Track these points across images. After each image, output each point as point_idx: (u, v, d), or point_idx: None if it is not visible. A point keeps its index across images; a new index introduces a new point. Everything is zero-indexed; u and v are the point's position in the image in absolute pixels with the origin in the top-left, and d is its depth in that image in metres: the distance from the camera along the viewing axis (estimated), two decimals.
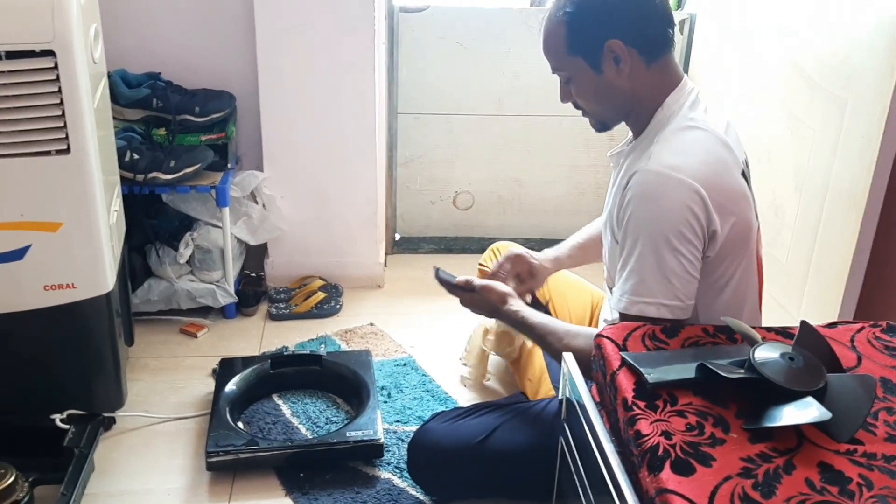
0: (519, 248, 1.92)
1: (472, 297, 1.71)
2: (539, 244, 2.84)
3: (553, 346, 1.55)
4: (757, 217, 1.49)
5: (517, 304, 1.66)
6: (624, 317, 1.40)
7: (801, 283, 1.98)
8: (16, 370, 1.82)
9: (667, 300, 1.35)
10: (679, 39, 2.73)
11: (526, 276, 1.87)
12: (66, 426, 1.76)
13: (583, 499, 1.31)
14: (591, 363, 1.36)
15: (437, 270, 1.79)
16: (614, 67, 1.42)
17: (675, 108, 1.44)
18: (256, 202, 2.47)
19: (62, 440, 1.73)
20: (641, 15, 1.42)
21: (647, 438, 1.10)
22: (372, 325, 2.41)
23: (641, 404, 1.16)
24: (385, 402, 2.03)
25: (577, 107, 1.52)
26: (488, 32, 2.71)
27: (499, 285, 1.70)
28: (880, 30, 1.69)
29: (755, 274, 1.51)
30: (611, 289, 1.58)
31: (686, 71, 2.73)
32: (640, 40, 1.41)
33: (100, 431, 1.79)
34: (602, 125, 1.53)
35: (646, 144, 1.44)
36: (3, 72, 1.55)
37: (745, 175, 1.45)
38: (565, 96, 1.51)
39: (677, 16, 2.73)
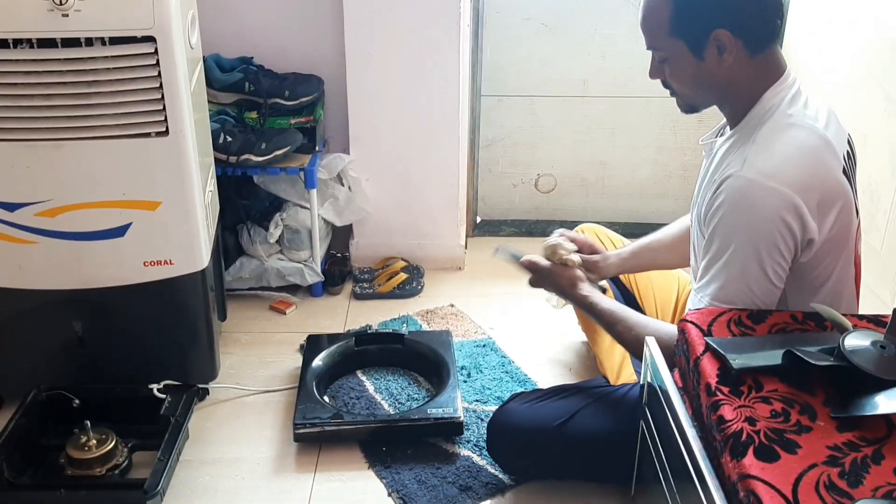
0: (595, 239, 1.91)
1: (541, 277, 1.74)
2: (623, 228, 2.82)
3: (622, 336, 1.54)
4: (858, 213, 1.43)
5: (587, 289, 1.66)
6: None
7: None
8: (116, 342, 1.91)
9: (745, 307, 1.34)
10: None
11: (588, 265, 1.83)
12: (163, 396, 1.84)
13: (663, 484, 1.31)
14: (672, 350, 1.35)
15: (497, 250, 1.82)
16: (717, 57, 1.36)
17: (773, 102, 1.37)
18: (342, 184, 2.53)
19: (159, 409, 1.81)
20: (754, 5, 1.34)
21: (730, 424, 1.09)
22: (452, 306, 2.44)
23: (725, 390, 1.15)
24: (465, 381, 2.06)
25: (665, 86, 1.49)
26: (574, 13, 2.69)
27: (571, 269, 1.71)
28: None
29: (852, 271, 1.46)
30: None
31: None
32: (748, 32, 1.34)
33: (194, 401, 1.86)
34: (690, 108, 1.49)
35: (741, 141, 1.38)
36: (105, 57, 1.62)
37: (846, 172, 1.38)
38: (656, 73, 1.46)
39: None
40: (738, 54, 1.35)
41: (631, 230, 2.83)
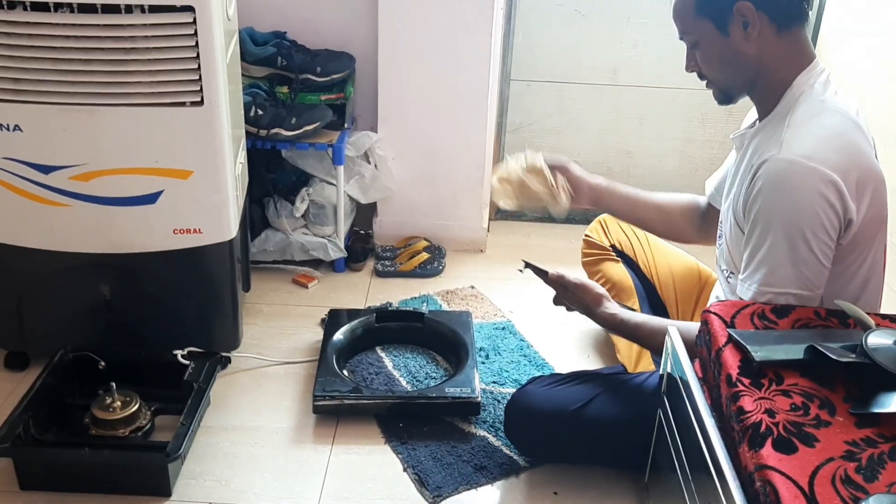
0: (574, 166, 1.87)
1: (566, 294, 1.72)
2: None
3: (660, 346, 1.54)
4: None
5: (613, 307, 1.66)
6: None
7: None
8: (144, 307, 1.94)
9: (797, 289, 1.34)
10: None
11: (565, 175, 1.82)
12: (187, 362, 1.87)
13: (678, 472, 1.32)
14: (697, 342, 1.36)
15: (526, 264, 1.78)
16: (742, 31, 1.38)
17: (805, 88, 1.39)
18: (369, 162, 2.54)
19: (182, 374, 1.84)
20: None
21: (749, 415, 1.10)
22: (472, 287, 2.45)
23: (746, 381, 1.17)
24: (483, 363, 2.08)
25: (700, 77, 1.50)
26: (607, 1, 2.68)
27: (594, 285, 1.70)
28: None
29: (883, 259, 1.47)
30: (724, 270, 1.56)
31: (814, 46, 2.63)
32: (772, 6, 1.36)
33: (217, 369, 1.89)
34: (725, 96, 1.49)
35: (775, 127, 1.39)
36: (144, 24, 1.63)
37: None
38: (690, 63, 1.48)
39: None
40: (764, 29, 1.37)
41: None
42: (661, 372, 1.47)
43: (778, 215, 1.33)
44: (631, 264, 2.06)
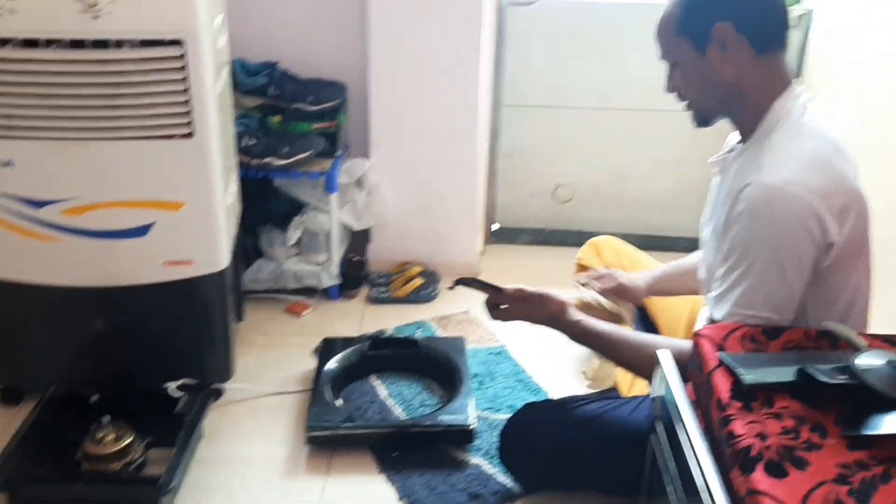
0: (622, 278, 1.88)
1: (524, 306, 1.66)
2: (639, 240, 2.81)
3: (627, 358, 1.54)
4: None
5: (577, 314, 1.63)
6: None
7: None
8: (135, 340, 1.94)
9: (767, 313, 1.34)
10: (796, 35, 2.64)
11: (618, 292, 1.84)
12: (179, 394, 1.86)
13: (673, 497, 1.31)
14: (684, 365, 1.35)
15: (458, 282, 1.75)
16: (720, 53, 1.38)
17: (783, 112, 1.40)
18: (362, 189, 2.55)
19: (175, 407, 1.83)
20: (757, 3, 1.39)
21: (740, 439, 1.09)
22: (467, 312, 2.45)
23: (737, 405, 1.16)
24: (477, 389, 2.07)
25: (679, 98, 1.50)
26: (597, 26, 2.70)
27: (555, 295, 1.66)
28: None
29: (867, 282, 1.47)
30: (706, 294, 1.56)
31: (801, 68, 2.65)
32: (751, 29, 1.37)
33: (209, 401, 1.89)
34: (702, 118, 1.49)
35: (755, 151, 1.40)
36: (134, 59, 1.65)
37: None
38: (670, 83, 1.49)
39: (795, 10, 2.64)
40: (743, 51, 1.37)
41: (648, 243, 2.83)
42: (652, 395, 1.46)
43: (756, 240, 1.33)
44: None
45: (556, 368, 2.19)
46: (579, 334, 1.62)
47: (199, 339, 1.99)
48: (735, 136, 1.53)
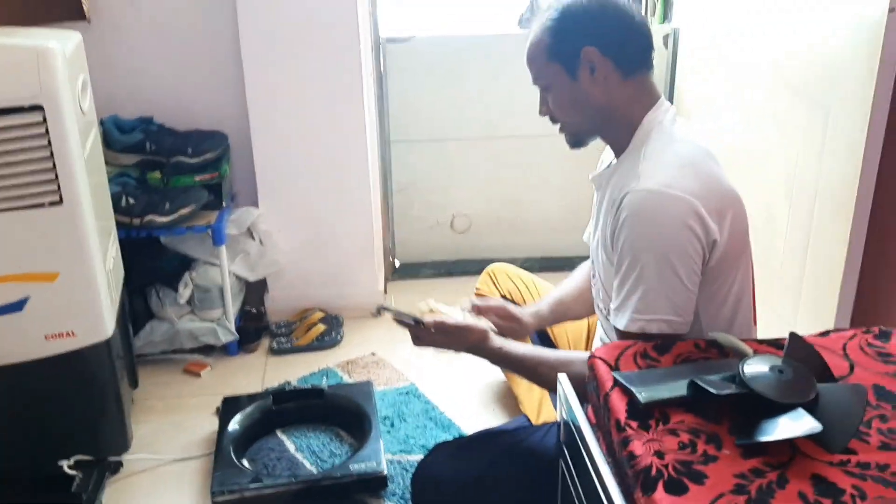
0: (501, 301, 1.89)
1: (446, 339, 1.65)
2: (539, 263, 2.86)
3: (547, 377, 1.53)
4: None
5: (499, 341, 1.63)
6: (624, 334, 1.40)
7: (797, 291, 1.98)
8: (21, 420, 1.83)
9: (668, 316, 1.36)
10: (664, 53, 2.75)
11: (508, 324, 1.83)
12: (74, 472, 1.77)
13: None
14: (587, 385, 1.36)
15: (381, 309, 1.72)
16: (589, 76, 1.43)
17: (654, 124, 1.45)
18: (253, 238, 2.49)
19: (70, 486, 1.74)
20: (620, 28, 1.44)
21: (639, 459, 1.10)
22: (374, 354, 2.42)
23: (634, 424, 1.17)
24: (388, 432, 2.03)
25: (553, 120, 1.54)
26: (474, 58, 2.74)
27: (475, 323, 1.66)
28: (858, 37, 1.70)
29: (751, 280, 1.52)
30: (603, 309, 1.58)
31: (672, 84, 2.76)
32: (617, 52, 1.42)
33: (106, 475, 1.80)
34: (576, 139, 1.54)
35: (631, 162, 1.44)
36: None
37: None
38: (543, 107, 1.53)
39: (662, 29, 2.75)
40: (610, 74, 1.42)
41: (548, 264, 2.88)
42: (558, 420, 1.47)
43: (644, 244, 1.36)
44: None
45: (467, 400, 2.18)
46: (501, 360, 1.64)
47: (91, 411, 1.89)
48: (610, 152, 1.57)
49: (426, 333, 1.66)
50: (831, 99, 1.81)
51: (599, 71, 1.42)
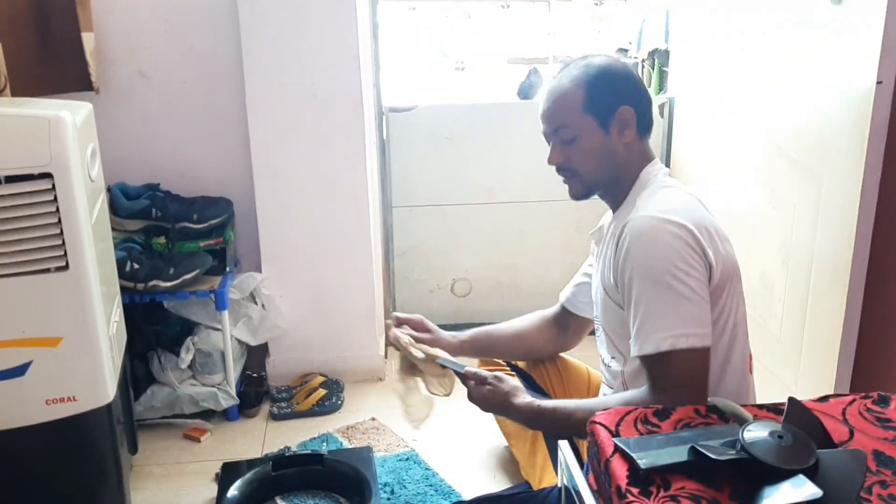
0: (420, 315, 1.96)
1: (482, 389, 1.66)
2: None
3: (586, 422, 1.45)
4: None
5: (528, 397, 1.62)
6: (653, 358, 1.41)
7: (797, 356, 1.99)
8: (19, 485, 1.81)
9: (688, 329, 1.39)
10: (660, 122, 2.81)
11: (425, 335, 1.90)
12: None
13: None
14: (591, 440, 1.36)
15: (441, 361, 1.78)
16: (619, 132, 1.54)
17: (650, 177, 1.56)
18: (256, 303, 2.51)
19: None
20: (644, 92, 1.58)
21: None
22: (374, 419, 2.41)
23: (635, 491, 1.16)
24: (388, 499, 2.01)
25: (561, 170, 1.60)
26: (474, 126, 2.81)
27: (508, 377, 1.68)
28: (848, 107, 1.75)
29: (744, 311, 1.57)
30: (604, 359, 1.62)
31: (668, 151, 2.81)
32: (642, 114, 1.56)
33: None
34: (586, 190, 1.61)
35: (628, 209, 1.53)
36: (2, 195, 1.60)
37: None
38: (558, 156, 1.58)
39: (658, 99, 2.82)
40: (633, 132, 1.55)
41: None
42: (559, 485, 1.46)
43: (649, 267, 1.42)
44: (525, 376, 2.07)
45: (468, 467, 2.16)
46: (533, 415, 1.58)
47: (89, 477, 1.87)
48: (609, 216, 1.64)
49: (470, 387, 1.68)
50: (824, 167, 1.85)
51: (630, 129, 1.54)
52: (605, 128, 1.54)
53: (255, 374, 2.59)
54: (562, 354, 2.05)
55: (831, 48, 1.80)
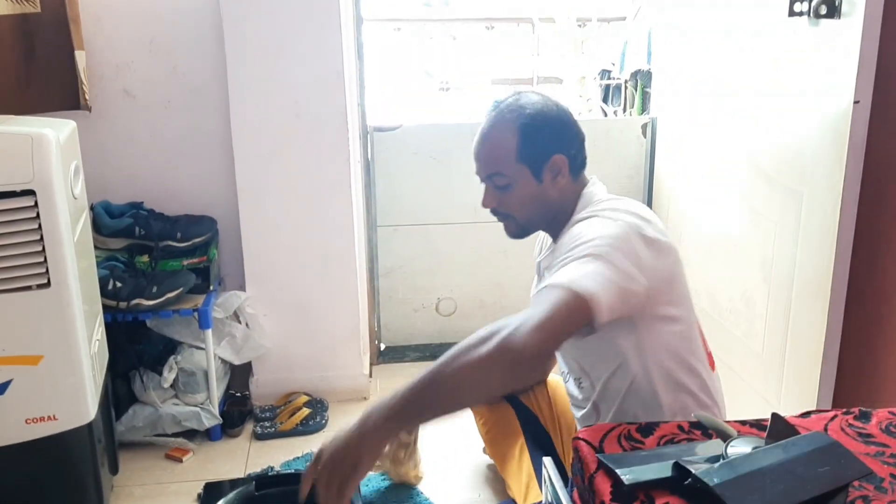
0: None
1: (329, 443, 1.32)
2: None
3: (456, 375, 1.25)
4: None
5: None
6: (550, 286, 1.31)
7: (779, 372, 2.00)
8: None
9: (596, 286, 1.30)
10: (643, 142, 2.84)
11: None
12: None
13: None
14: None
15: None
16: (552, 179, 1.56)
17: (591, 197, 1.58)
18: (240, 321, 2.50)
19: None
20: (577, 136, 1.60)
21: None
22: None
23: None
24: None
25: (495, 213, 1.62)
26: (458, 145, 2.81)
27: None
28: (826, 126, 1.78)
29: (696, 322, 1.56)
30: (565, 374, 1.68)
31: (651, 171, 2.84)
32: (574, 159, 1.59)
33: None
34: (522, 231, 1.64)
35: (569, 228, 1.54)
36: None
37: None
38: (492, 200, 1.63)
39: (641, 119, 2.85)
40: (567, 178, 1.58)
41: None
42: (543, 502, 1.46)
43: (590, 240, 1.39)
44: (511, 397, 2.06)
45: (453, 484, 2.15)
46: (407, 402, 1.30)
47: (69, 497, 1.86)
48: (548, 238, 1.70)
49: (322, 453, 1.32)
50: (804, 185, 1.87)
51: (562, 175, 1.57)
52: (539, 176, 1.56)
53: (238, 394, 2.57)
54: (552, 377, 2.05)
55: (809, 68, 1.83)
